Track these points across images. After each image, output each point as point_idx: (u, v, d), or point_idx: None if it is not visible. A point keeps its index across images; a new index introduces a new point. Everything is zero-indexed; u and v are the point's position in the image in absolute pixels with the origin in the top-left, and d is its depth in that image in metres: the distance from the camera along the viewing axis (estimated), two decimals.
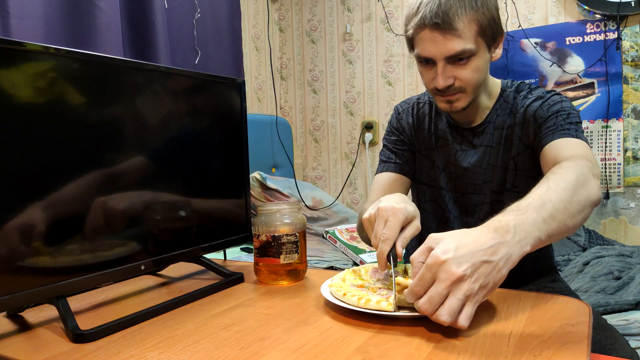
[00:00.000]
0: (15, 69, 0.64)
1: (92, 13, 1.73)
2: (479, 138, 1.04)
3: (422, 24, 0.91)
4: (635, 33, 2.19)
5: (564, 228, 0.67)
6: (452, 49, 0.90)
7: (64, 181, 0.70)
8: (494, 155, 1.03)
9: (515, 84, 1.05)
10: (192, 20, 2.27)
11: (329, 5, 2.93)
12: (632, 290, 1.52)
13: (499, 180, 1.02)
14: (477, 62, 0.93)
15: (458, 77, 0.93)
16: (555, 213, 0.66)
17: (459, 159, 1.06)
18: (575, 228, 0.70)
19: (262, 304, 0.80)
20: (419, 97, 1.16)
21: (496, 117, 1.03)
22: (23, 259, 0.66)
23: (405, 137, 1.14)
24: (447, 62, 0.92)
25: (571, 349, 0.57)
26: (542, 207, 0.66)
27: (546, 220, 0.65)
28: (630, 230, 2.26)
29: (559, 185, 0.70)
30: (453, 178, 1.07)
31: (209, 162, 0.96)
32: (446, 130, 1.08)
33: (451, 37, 0.89)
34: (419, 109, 1.14)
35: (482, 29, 0.91)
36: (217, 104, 0.99)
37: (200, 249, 0.94)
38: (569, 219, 0.68)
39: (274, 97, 2.96)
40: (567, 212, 0.68)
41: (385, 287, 0.77)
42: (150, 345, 0.64)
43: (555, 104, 0.96)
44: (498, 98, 1.04)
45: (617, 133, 2.27)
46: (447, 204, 1.08)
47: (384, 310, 0.67)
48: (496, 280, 0.60)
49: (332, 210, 2.45)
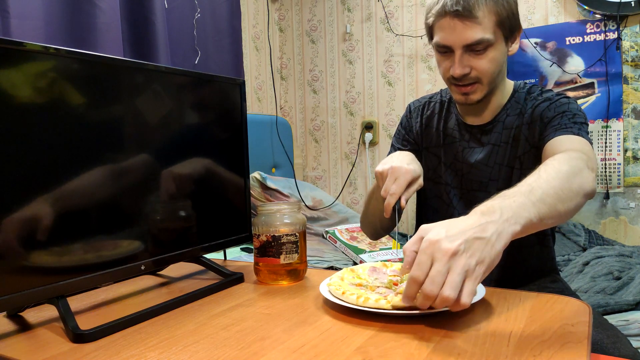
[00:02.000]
0: (15, 69, 0.64)
1: (92, 13, 1.73)
2: (487, 136, 1.06)
3: (442, 12, 0.93)
4: (635, 33, 2.19)
5: (555, 212, 0.68)
6: (470, 37, 0.92)
7: (64, 181, 0.70)
8: (501, 154, 1.04)
9: (527, 86, 1.07)
10: (192, 20, 2.27)
11: (329, 5, 2.93)
12: (632, 290, 1.52)
13: (504, 179, 1.03)
14: (494, 54, 0.95)
15: (474, 66, 0.95)
16: (545, 197, 0.67)
17: (466, 156, 1.07)
18: (567, 215, 0.71)
19: (262, 304, 0.80)
20: (431, 96, 1.18)
21: (506, 117, 1.04)
22: (23, 259, 0.66)
23: (411, 136, 1.17)
24: (464, 51, 0.94)
25: (571, 349, 0.57)
26: (530, 192, 0.67)
27: (535, 203, 0.66)
28: (630, 230, 2.26)
29: (550, 174, 0.71)
30: (459, 175, 1.08)
31: (209, 161, 0.96)
32: (455, 128, 1.10)
33: (471, 25, 0.91)
34: (429, 108, 1.16)
35: (500, 20, 0.94)
36: (217, 104, 0.99)
37: (200, 249, 0.94)
38: (560, 204, 0.69)
39: (274, 97, 2.96)
40: (557, 197, 0.68)
41: (383, 286, 0.78)
42: (150, 345, 0.64)
43: (563, 105, 0.98)
44: (510, 98, 1.06)
45: (617, 133, 2.27)
46: (452, 200, 1.09)
47: (383, 308, 0.67)
48: (492, 256, 0.60)
49: (332, 210, 2.46)
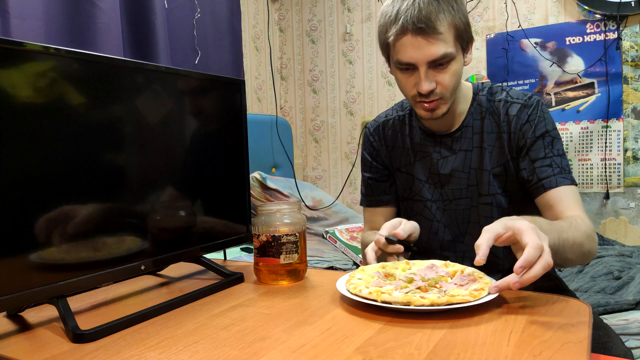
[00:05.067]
0: (15, 69, 0.64)
1: (92, 13, 1.73)
2: (457, 143, 1.04)
3: (404, 30, 0.90)
4: (635, 33, 2.19)
5: (563, 257, 0.83)
6: (435, 53, 0.90)
7: (63, 181, 0.70)
8: (476, 159, 1.03)
9: (486, 87, 1.06)
10: (192, 20, 2.28)
11: (329, 5, 2.93)
12: (632, 290, 1.52)
13: (486, 183, 1.02)
14: (456, 67, 0.94)
15: (439, 82, 0.94)
16: (566, 242, 0.82)
17: (440, 167, 1.06)
18: (564, 265, 0.90)
19: (262, 304, 0.80)
20: (387, 113, 1.16)
21: (472, 121, 1.04)
22: (23, 259, 0.66)
23: (379, 161, 1.14)
24: (428, 67, 0.92)
25: (571, 349, 0.57)
26: (562, 230, 0.83)
27: (560, 240, 0.81)
28: (630, 230, 2.26)
29: (577, 230, 0.86)
30: (438, 188, 1.07)
31: (209, 162, 0.96)
32: (422, 141, 1.08)
33: (435, 42, 0.90)
34: (389, 127, 1.13)
35: (459, 33, 0.93)
36: (217, 104, 0.99)
37: (200, 249, 0.94)
38: (570, 254, 0.84)
39: (274, 97, 2.96)
40: (574, 248, 0.84)
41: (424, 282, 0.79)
42: (150, 345, 0.64)
43: (538, 123, 0.98)
44: (472, 102, 1.05)
45: (617, 133, 2.27)
46: (434, 215, 1.07)
47: (393, 302, 0.69)
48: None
49: (332, 210, 2.45)
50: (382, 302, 0.70)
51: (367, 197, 1.17)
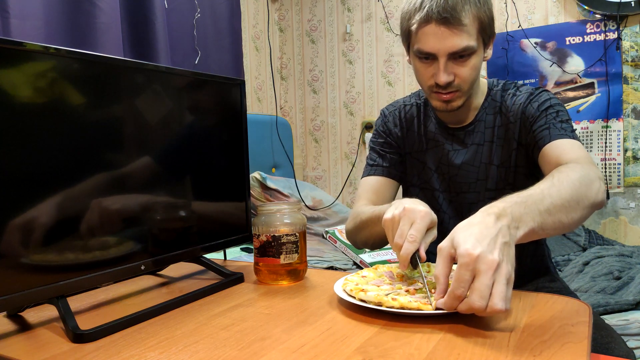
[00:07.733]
0: (15, 69, 0.64)
1: (92, 13, 1.73)
2: (469, 137, 1.05)
3: (428, 18, 0.90)
4: (635, 33, 2.19)
5: (558, 224, 0.69)
6: (457, 45, 0.90)
7: (63, 181, 0.70)
8: (487, 153, 1.03)
9: (501, 83, 1.06)
10: (192, 20, 2.27)
11: (329, 5, 2.93)
12: (632, 290, 1.52)
13: (494, 178, 1.02)
14: (476, 60, 0.94)
15: (458, 74, 0.94)
16: (552, 208, 0.68)
17: (451, 158, 1.06)
18: (571, 226, 0.72)
19: (262, 304, 0.80)
20: (405, 100, 1.16)
21: (485, 116, 1.04)
22: (23, 259, 0.66)
23: (392, 139, 1.13)
24: (448, 59, 0.92)
25: (571, 349, 0.57)
26: (541, 200, 0.68)
27: (542, 213, 0.67)
28: (630, 230, 2.26)
29: (562, 183, 0.72)
30: (446, 178, 1.07)
31: (209, 162, 0.96)
32: (436, 131, 1.08)
33: (458, 32, 0.89)
34: (407, 112, 1.14)
35: (482, 27, 0.93)
36: (217, 104, 0.99)
37: (200, 249, 0.94)
38: (565, 215, 0.70)
39: (274, 97, 2.96)
40: (564, 209, 0.70)
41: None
42: (150, 345, 0.64)
43: (544, 101, 0.98)
44: (486, 97, 1.05)
45: (617, 133, 2.27)
46: (441, 205, 1.08)
47: (393, 307, 0.68)
48: (514, 258, 0.62)
49: (332, 210, 2.46)
50: (359, 300, 0.70)
51: (374, 167, 1.12)
